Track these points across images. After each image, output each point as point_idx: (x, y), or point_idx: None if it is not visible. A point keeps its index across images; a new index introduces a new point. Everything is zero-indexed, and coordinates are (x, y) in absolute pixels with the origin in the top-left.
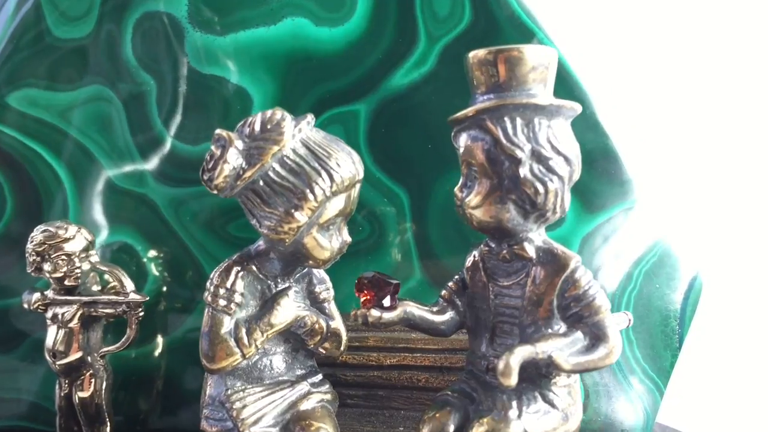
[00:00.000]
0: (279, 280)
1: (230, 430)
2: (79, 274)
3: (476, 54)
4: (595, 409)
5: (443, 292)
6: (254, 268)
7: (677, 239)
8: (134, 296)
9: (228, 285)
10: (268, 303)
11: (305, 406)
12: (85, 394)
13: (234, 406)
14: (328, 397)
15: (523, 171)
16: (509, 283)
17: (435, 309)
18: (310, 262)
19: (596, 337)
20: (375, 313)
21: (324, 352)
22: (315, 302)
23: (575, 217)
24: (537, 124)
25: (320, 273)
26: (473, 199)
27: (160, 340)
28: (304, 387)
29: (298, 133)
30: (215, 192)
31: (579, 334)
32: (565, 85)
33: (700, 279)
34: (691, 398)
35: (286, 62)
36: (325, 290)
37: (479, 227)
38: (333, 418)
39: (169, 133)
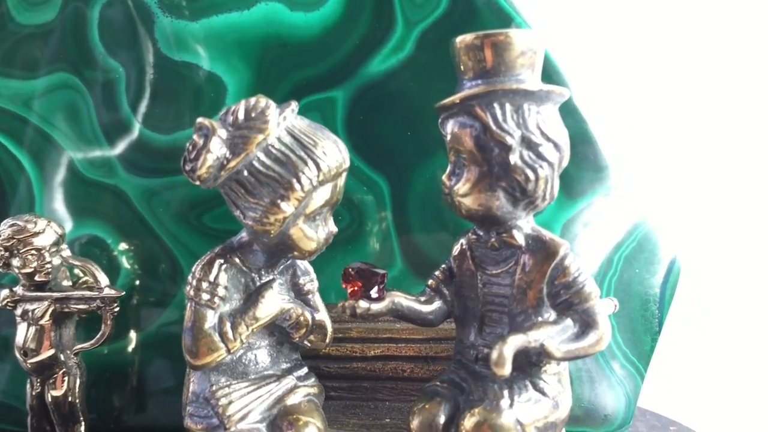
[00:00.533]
0: (263, 273)
1: (216, 427)
2: (49, 270)
3: (463, 39)
4: (578, 395)
5: (430, 282)
6: (237, 260)
7: (656, 224)
8: (109, 291)
9: (211, 278)
10: (253, 296)
11: (292, 400)
12: (58, 393)
13: (220, 403)
14: (315, 390)
15: (513, 158)
16: (498, 271)
17: (422, 299)
18: (296, 253)
19: (586, 324)
20: (363, 304)
21: (309, 344)
22: (299, 294)
23: (555, 204)
24: (526, 110)
25: (304, 264)
26: (462, 186)
27: (133, 335)
28: (290, 381)
29: (282, 121)
30: (198, 183)
31: (569, 322)
32: (544, 70)
33: (678, 263)
34: (671, 382)
35: (261, 48)
36: (310, 282)
37: (467, 215)
38: (320, 412)
39: (140, 122)
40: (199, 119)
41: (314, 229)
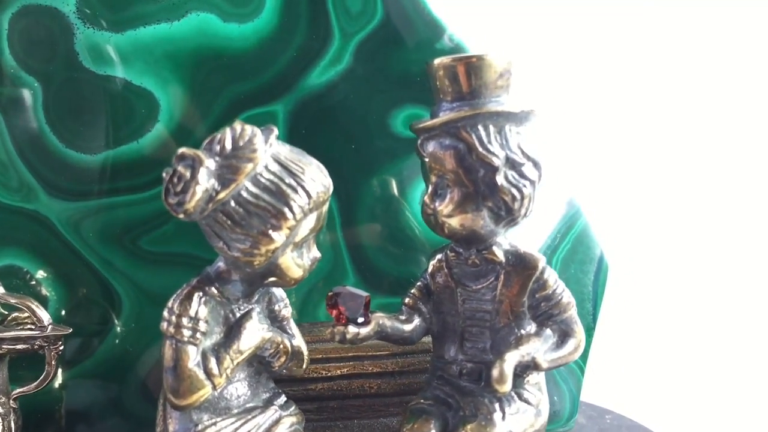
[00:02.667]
0: (241, 303)
1: None
2: None
3: (441, 62)
4: None
5: (407, 300)
6: (215, 291)
7: (588, 225)
8: (54, 329)
9: (191, 313)
10: (234, 328)
11: None
12: None
13: None
14: (297, 419)
15: (500, 178)
16: (479, 287)
17: (402, 318)
18: (280, 282)
19: (564, 333)
20: (352, 329)
21: (287, 372)
22: (275, 321)
23: None
24: (508, 131)
25: (279, 291)
26: (446, 207)
27: (63, 372)
28: (274, 412)
29: (269, 149)
30: (181, 216)
31: (549, 332)
32: None
33: (605, 260)
34: (601, 374)
35: (194, 61)
36: (285, 307)
37: (450, 234)
38: None
39: (62, 143)
40: (182, 149)
41: (301, 256)
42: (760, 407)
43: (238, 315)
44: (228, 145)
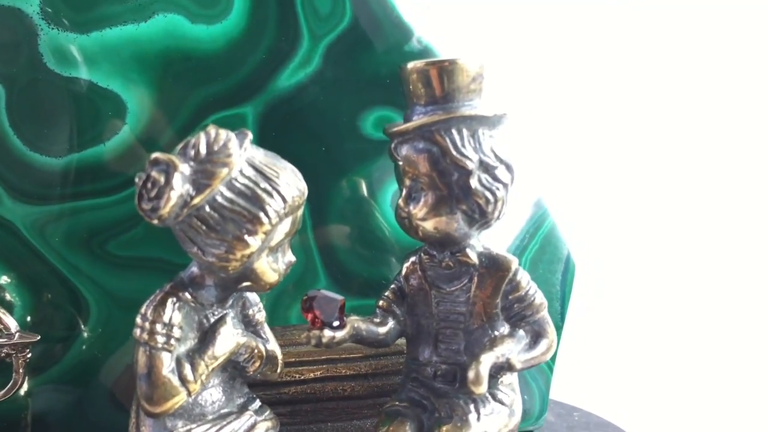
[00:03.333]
0: (215, 308)
1: None
2: None
3: (414, 66)
4: None
5: (381, 303)
6: (189, 296)
7: (555, 225)
8: (22, 336)
9: (165, 319)
10: (209, 334)
11: None
12: None
13: None
14: (272, 423)
15: (473, 182)
16: (452, 289)
17: (377, 320)
18: (255, 287)
19: (537, 333)
20: (328, 333)
21: (262, 376)
22: (249, 325)
23: None
24: (481, 135)
25: (252, 295)
26: (420, 210)
27: (28, 379)
28: (249, 417)
29: (243, 153)
30: (155, 222)
31: (521, 333)
32: None
33: (572, 259)
34: (577, 373)
35: (162, 63)
36: (258, 312)
37: (424, 237)
38: None
39: (27, 146)
40: (156, 154)
41: (276, 260)
42: (726, 401)
43: (212, 320)
44: (203, 150)
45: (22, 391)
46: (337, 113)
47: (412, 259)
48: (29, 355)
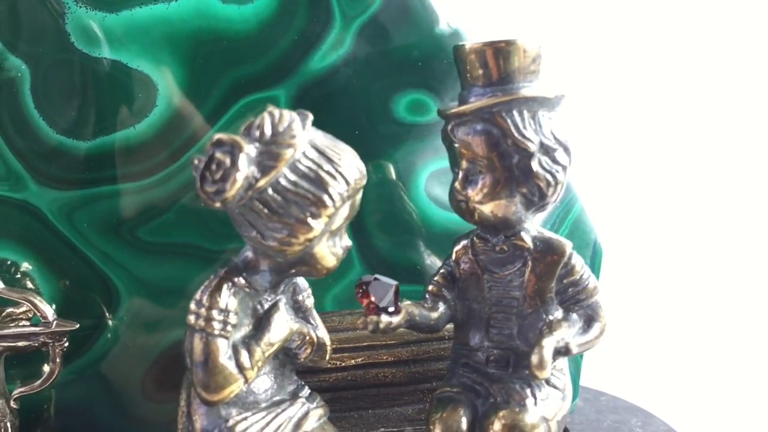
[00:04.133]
0: (269, 293)
1: None
2: None
3: (472, 47)
4: None
5: (430, 287)
6: (243, 282)
7: (583, 210)
8: (59, 324)
9: (221, 305)
10: (263, 320)
11: (307, 426)
12: None
13: None
14: (323, 411)
15: (535, 164)
16: (506, 273)
17: (427, 305)
18: (312, 271)
19: (590, 317)
20: (385, 318)
21: (311, 363)
22: (298, 311)
23: None
24: (542, 117)
25: (302, 281)
26: (478, 194)
27: (46, 368)
28: (302, 405)
29: (306, 134)
30: (217, 205)
31: (575, 317)
32: None
33: (599, 244)
34: (602, 358)
35: (193, 44)
36: (308, 297)
37: (480, 220)
38: None
39: (53, 128)
40: (219, 135)
41: (335, 245)
42: (750, 387)
43: (265, 306)
44: (267, 131)
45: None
46: (370, 96)
47: (464, 242)
48: (66, 344)
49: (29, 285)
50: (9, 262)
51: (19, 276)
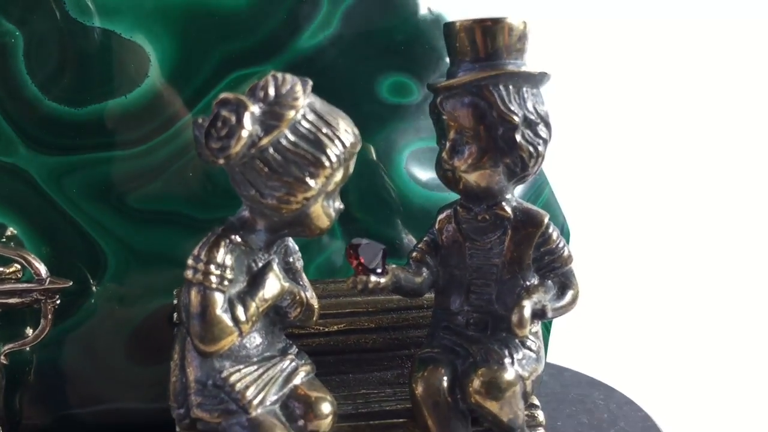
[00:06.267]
0: (262, 253)
1: (233, 412)
2: None
3: (462, 24)
4: None
5: (414, 254)
6: (239, 240)
7: (552, 193)
8: (53, 282)
9: (219, 261)
10: (258, 277)
11: (297, 381)
12: None
13: (236, 388)
14: (311, 368)
15: (518, 136)
16: (487, 241)
17: (412, 270)
18: (306, 231)
19: (563, 285)
20: (373, 279)
21: (299, 323)
22: (289, 272)
23: None
24: (525, 92)
25: (293, 243)
26: (464, 163)
27: (29, 331)
28: (291, 361)
29: (307, 98)
30: (220, 162)
31: (550, 283)
32: None
33: (567, 226)
34: (566, 336)
35: (186, 17)
36: (298, 260)
37: (464, 189)
38: (325, 388)
39: (45, 94)
40: (225, 94)
41: (329, 206)
42: (709, 358)
43: (259, 264)
44: (271, 92)
45: (28, 347)
46: (355, 77)
47: (447, 212)
48: (58, 302)
49: (36, 250)
50: None
51: (4, 240)
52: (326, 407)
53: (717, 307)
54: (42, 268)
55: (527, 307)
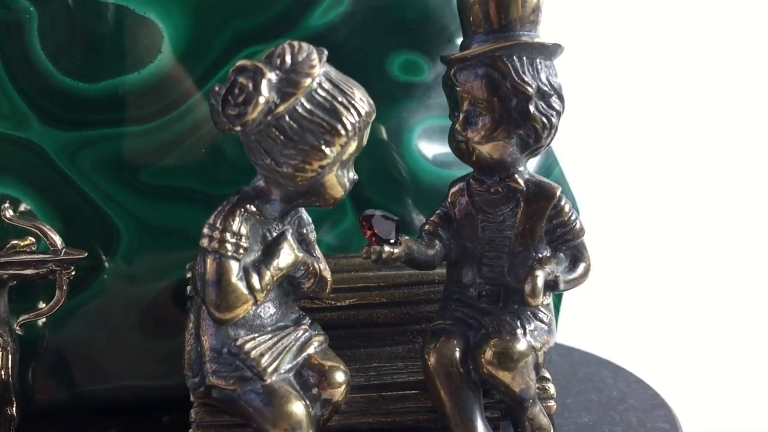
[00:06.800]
0: (277, 223)
1: (248, 379)
2: None
3: None
4: None
5: (427, 227)
6: (254, 209)
7: (563, 172)
8: (68, 253)
9: (234, 229)
10: (272, 247)
11: (311, 350)
12: None
13: (251, 355)
14: (324, 338)
15: (532, 107)
16: (499, 213)
17: (424, 243)
18: (320, 201)
19: (575, 257)
20: (387, 249)
21: (313, 294)
22: (302, 244)
23: None
24: (539, 64)
25: (306, 215)
26: (478, 134)
27: (42, 304)
28: (305, 331)
29: (322, 67)
30: (237, 129)
31: (562, 256)
32: None
33: (577, 205)
34: (574, 316)
35: None
36: (311, 232)
37: (478, 161)
38: (339, 358)
39: (59, 70)
40: (242, 61)
41: (344, 176)
42: (714, 339)
43: (274, 234)
44: (288, 60)
45: (40, 322)
46: (366, 55)
47: (460, 185)
48: (73, 273)
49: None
50: (13, 199)
51: (18, 214)
52: (340, 376)
53: (726, 288)
54: (57, 239)
55: (540, 276)
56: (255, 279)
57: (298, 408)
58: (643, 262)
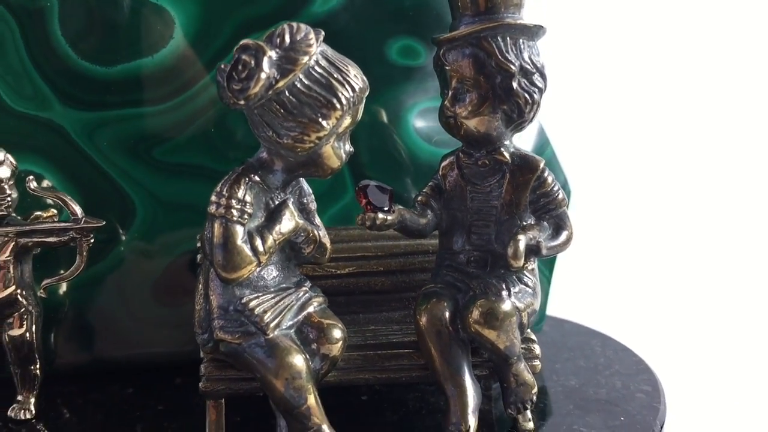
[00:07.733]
0: (279, 192)
1: (253, 333)
2: (9, 203)
3: None
4: None
5: (419, 198)
6: (258, 179)
7: (554, 153)
8: (88, 221)
9: (239, 196)
10: (275, 213)
11: (311, 309)
12: (16, 333)
13: (256, 312)
14: (323, 299)
15: (515, 84)
16: (487, 185)
17: (417, 212)
18: (319, 171)
19: (558, 226)
20: (381, 216)
21: (313, 261)
22: (303, 212)
23: None
24: (522, 44)
25: (307, 185)
26: (465, 109)
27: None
28: (305, 292)
29: (319, 45)
30: (241, 103)
31: (545, 224)
32: None
33: (569, 185)
34: (566, 290)
35: None
36: (312, 201)
37: (465, 135)
38: (337, 318)
39: (78, 55)
40: (245, 40)
41: (340, 148)
42: (698, 312)
43: (276, 202)
44: (287, 39)
45: (65, 286)
46: (365, 40)
47: (450, 159)
48: (92, 240)
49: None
50: (36, 174)
51: (41, 187)
52: (337, 333)
53: (710, 260)
54: (77, 209)
55: (522, 241)
56: (258, 242)
57: (298, 360)
58: (634, 239)
